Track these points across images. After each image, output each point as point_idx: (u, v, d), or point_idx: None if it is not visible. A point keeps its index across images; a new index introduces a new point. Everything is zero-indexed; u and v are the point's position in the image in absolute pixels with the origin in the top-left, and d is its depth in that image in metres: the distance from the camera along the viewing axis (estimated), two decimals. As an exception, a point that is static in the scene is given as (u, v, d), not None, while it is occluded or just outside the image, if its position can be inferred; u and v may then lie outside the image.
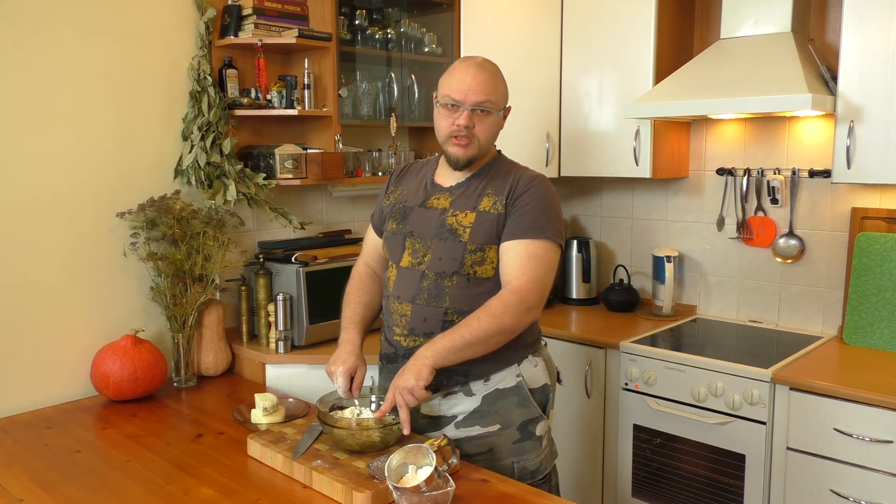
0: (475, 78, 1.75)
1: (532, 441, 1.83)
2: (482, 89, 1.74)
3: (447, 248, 1.76)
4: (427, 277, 1.78)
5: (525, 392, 1.82)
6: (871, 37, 2.32)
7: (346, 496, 1.52)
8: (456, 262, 1.76)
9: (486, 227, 1.75)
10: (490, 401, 1.80)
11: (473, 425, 1.80)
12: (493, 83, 1.77)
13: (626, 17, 2.91)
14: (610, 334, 2.81)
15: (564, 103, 3.15)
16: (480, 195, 1.80)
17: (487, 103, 1.75)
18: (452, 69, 1.80)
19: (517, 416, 1.81)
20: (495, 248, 1.76)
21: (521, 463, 1.82)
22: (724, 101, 2.51)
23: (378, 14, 2.94)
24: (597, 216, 3.48)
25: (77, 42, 2.24)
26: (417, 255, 1.80)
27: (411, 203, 1.87)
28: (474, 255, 1.75)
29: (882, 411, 2.12)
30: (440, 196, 1.84)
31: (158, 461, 1.79)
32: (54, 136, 2.22)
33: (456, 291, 1.76)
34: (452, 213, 1.79)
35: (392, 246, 1.87)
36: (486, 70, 1.77)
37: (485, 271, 1.76)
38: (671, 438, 2.58)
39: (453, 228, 1.77)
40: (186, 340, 2.40)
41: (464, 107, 1.74)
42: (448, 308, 1.76)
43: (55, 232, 2.24)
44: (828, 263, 2.79)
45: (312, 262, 2.56)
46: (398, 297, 1.82)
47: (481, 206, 1.78)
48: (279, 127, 2.78)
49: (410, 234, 1.83)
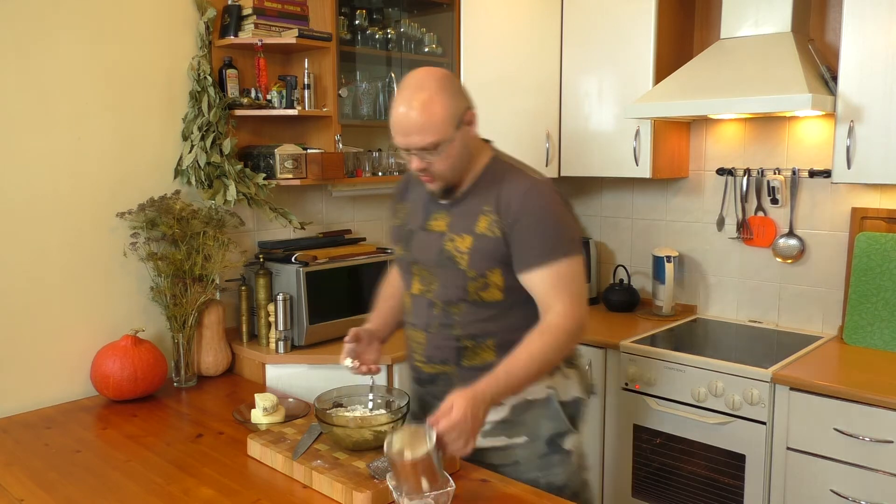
0: (405, 122, 1.58)
1: (560, 455, 1.75)
2: (417, 132, 1.57)
3: (449, 275, 1.70)
4: (436, 306, 1.73)
5: (555, 405, 1.74)
6: (871, 37, 2.32)
7: (346, 496, 1.52)
8: (460, 290, 1.68)
9: (485, 252, 1.66)
10: (519, 411, 1.72)
11: (499, 435, 1.73)
12: (427, 117, 1.56)
13: (626, 17, 2.91)
14: (610, 334, 2.81)
15: (564, 103, 3.15)
16: (477, 213, 1.68)
17: (429, 145, 1.59)
18: (392, 108, 1.62)
19: (545, 428, 1.73)
20: (498, 271, 1.66)
21: (548, 478, 1.72)
22: (724, 101, 2.51)
23: (378, 14, 2.94)
24: (597, 216, 3.48)
25: (77, 42, 2.24)
26: (425, 282, 1.75)
27: (412, 225, 1.79)
28: (476, 281, 1.67)
29: (882, 411, 2.12)
30: (438, 216, 1.74)
31: (158, 461, 1.79)
32: (54, 136, 2.22)
33: (465, 318, 1.70)
34: (450, 238, 1.70)
35: (402, 272, 1.85)
36: (416, 104, 1.57)
37: (491, 295, 1.68)
38: (671, 438, 2.58)
39: (451, 256, 1.68)
40: (186, 340, 2.40)
41: (411, 152, 1.62)
42: (460, 335, 1.71)
43: (55, 232, 2.24)
44: (828, 263, 2.79)
45: (312, 262, 2.56)
46: (414, 324, 1.79)
47: (478, 229, 1.67)
48: (279, 127, 2.78)
49: (416, 261, 1.77)
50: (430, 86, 1.59)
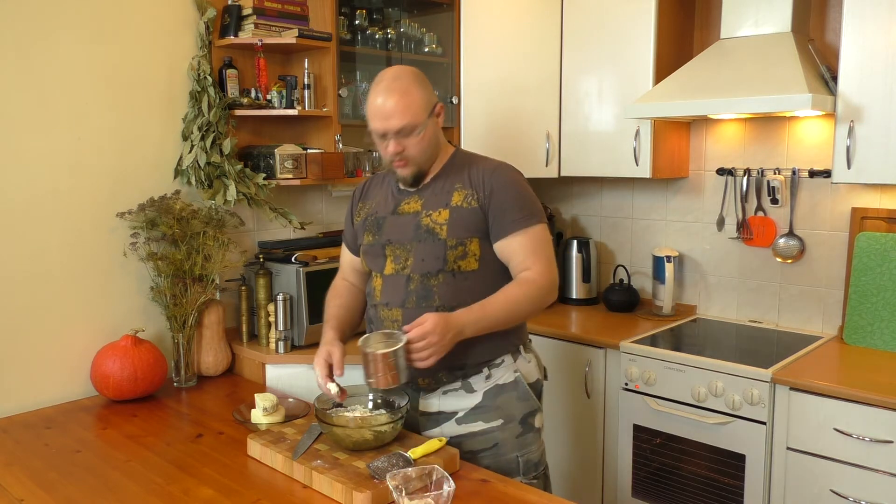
0: (385, 105, 1.72)
1: (533, 433, 1.88)
2: (396, 114, 1.72)
3: (428, 248, 1.78)
4: (413, 280, 1.79)
5: (524, 386, 1.87)
6: (871, 37, 2.32)
7: (346, 496, 1.52)
8: (439, 261, 1.78)
9: (462, 221, 1.78)
10: (491, 396, 1.83)
11: (476, 421, 1.82)
12: (406, 102, 1.72)
13: (626, 17, 2.91)
14: (610, 334, 2.81)
15: (564, 103, 3.15)
16: (450, 191, 1.82)
17: (406, 127, 1.73)
18: (369, 95, 1.78)
19: (518, 409, 1.85)
20: (476, 240, 1.79)
21: (526, 456, 1.86)
22: (724, 101, 2.51)
23: (378, 14, 2.94)
24: (597, 216, 3.48)
25: (77, 42, 2.25)
26: (399, 260, 1.82)
27: (382, 213, 1.89)
28: (455, 250, 1.77)
29: (882, 411, 2.12)
30: (409, 200, 1.86)
31: (158, 461, 1.79)
32: (54, 136, 2.22)
33: (443, 289, 1.78)
34: (426, 214, 1.81)
35: (372, 257, 1.89)
36: (394, 91, 1.73)
37: (468, 264, 1.79)
38: (671, 438, 2.58)
39: (430, 228, 1.79)
40: (186, 340, 2.40)
41: (388, 136, 1.75)
42: (439, 306, 1.77)
43: (55, 232, 2.25)
44: (828, 263, 2.79)
45: (312, 262, 2.56)
46: (387, 304, 1.83)
47: (453, 202, 1.80)
48: (279, 127, 2.78)
49: (388, 242, 1.84)
50: (405, 77, 1.76)
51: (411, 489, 1.46)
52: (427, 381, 1.82)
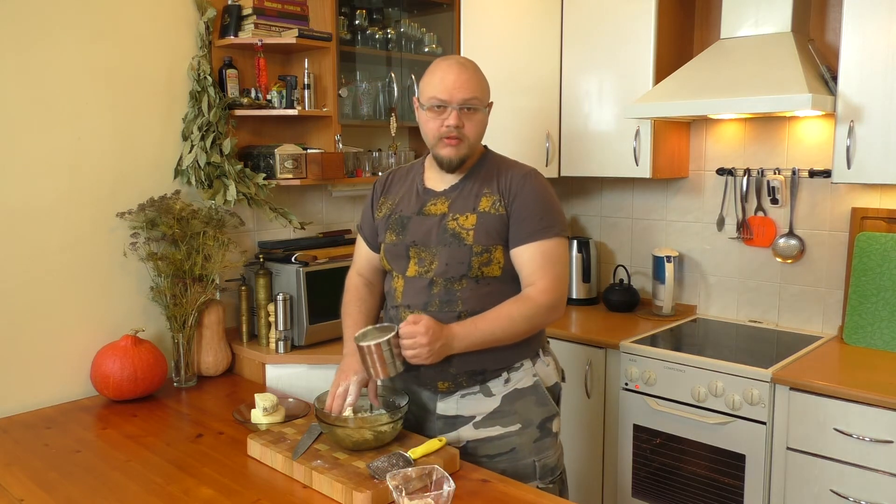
0: (458, 76, 1.73)
1: (550, 438, 1.86)
2: (467, 87, 1.73)
3: (453, 252, 1.76)
4: (437, 284, 1.77)
5: (542, 390, 1.84)
6: (871, 37, 2.32)
7: (346, 496, 1.52)
8: (464, 266, 1.75)
9: (489, 228, 1.75)
10: (509, 401, 1.81)
11: (494, 425, 1.80)
12: (477, 80, 1.76)
13: (626, 17, 2.91)
14: (610, 334, 2.81)
15: (564, 103, 3.15)
16: (478, 196, 1.79)
17: (474, 100, 1.74)
18: (433, 70, 1.78)
19: (536, 414, 1.83)
20: (500, 247, 1.76)
21: (543, 461, 1.83)
22: (724, 101, 2.51)
23: (378, 14, 2.94)
24: (597, 216, 3.48)
25: (77, 42, 2.25)
26: (424, 263, 1.79)
27: (407, 212, 1.85)
28: (481, 256, 1.74)
29: (882, 411, 2.12)
30: (436, 201, 1.82)
31: (158, 461, 1.79)
32: (54, 136, 2.22)
33: (467, 294, 1.76)
34: (453, 217, 1.78)
35: (395, 257, 1.85)
36: (467, 68, 1.76)
37: (492, 271, 1.76)
38: (671, 438, 2.58)
39: (456, 233, 1.76)
40: (186, 340, 2.40)
41: (451, 106, 1.73)
42: (461, 311, 1.75)
43: (55, 232, 2.24)
44: (828, 263, 2.79)
45: (312, 262, 2.56)
46: (408, 306, 1.80)
47: (481, 207, 1.77)
48: (279, 127, 2.78)
49: (413, 243, 1.81)
50: (473, 63, 1.80)
51: (411, 489, 1.46)
52: (447, 384, 1.79)
